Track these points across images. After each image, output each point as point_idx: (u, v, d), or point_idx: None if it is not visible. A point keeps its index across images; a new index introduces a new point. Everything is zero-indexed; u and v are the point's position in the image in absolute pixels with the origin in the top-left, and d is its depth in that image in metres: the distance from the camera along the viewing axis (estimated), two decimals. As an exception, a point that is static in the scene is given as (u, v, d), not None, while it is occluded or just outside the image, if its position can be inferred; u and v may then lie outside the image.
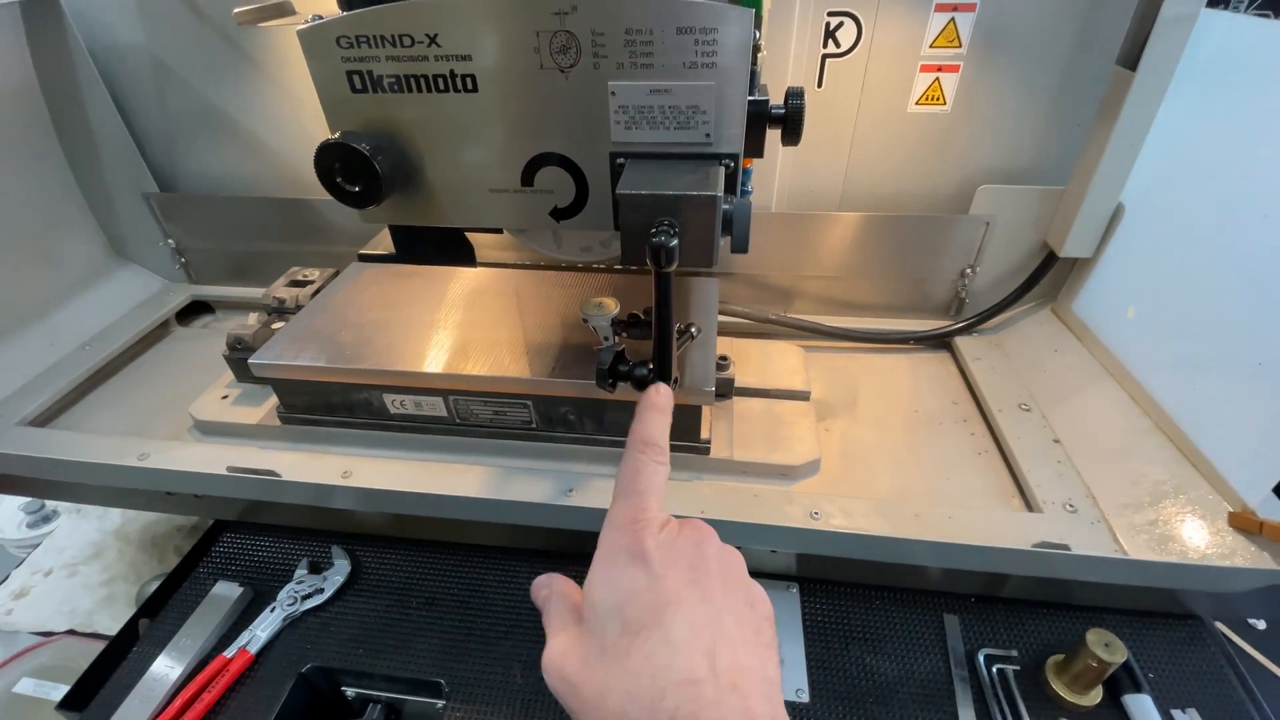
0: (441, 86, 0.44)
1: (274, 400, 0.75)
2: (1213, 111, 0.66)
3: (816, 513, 0.62)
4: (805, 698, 0.60)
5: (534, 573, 0.37)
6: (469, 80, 0.44)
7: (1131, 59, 0.67)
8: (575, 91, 0.44)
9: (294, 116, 0.90)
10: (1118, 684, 0.60)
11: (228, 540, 0.76)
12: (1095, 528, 0.61)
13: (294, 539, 0.76)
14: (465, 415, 0.70)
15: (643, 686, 0.28)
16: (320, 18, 0.43)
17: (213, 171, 0.96)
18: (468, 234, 0.57)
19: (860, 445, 0.75)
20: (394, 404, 0.70)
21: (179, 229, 0.98)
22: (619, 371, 0.53)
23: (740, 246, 0.44)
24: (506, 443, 0.71)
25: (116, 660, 0.65)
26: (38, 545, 1.06)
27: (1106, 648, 0.56)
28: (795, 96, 0.46)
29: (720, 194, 0.41)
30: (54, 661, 0.91)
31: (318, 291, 0.82)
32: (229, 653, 0.63)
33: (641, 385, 0.55)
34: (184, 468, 0.67)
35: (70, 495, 0.83)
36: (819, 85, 0.79)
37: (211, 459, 0.68)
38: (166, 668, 0.63)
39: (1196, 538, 0.58)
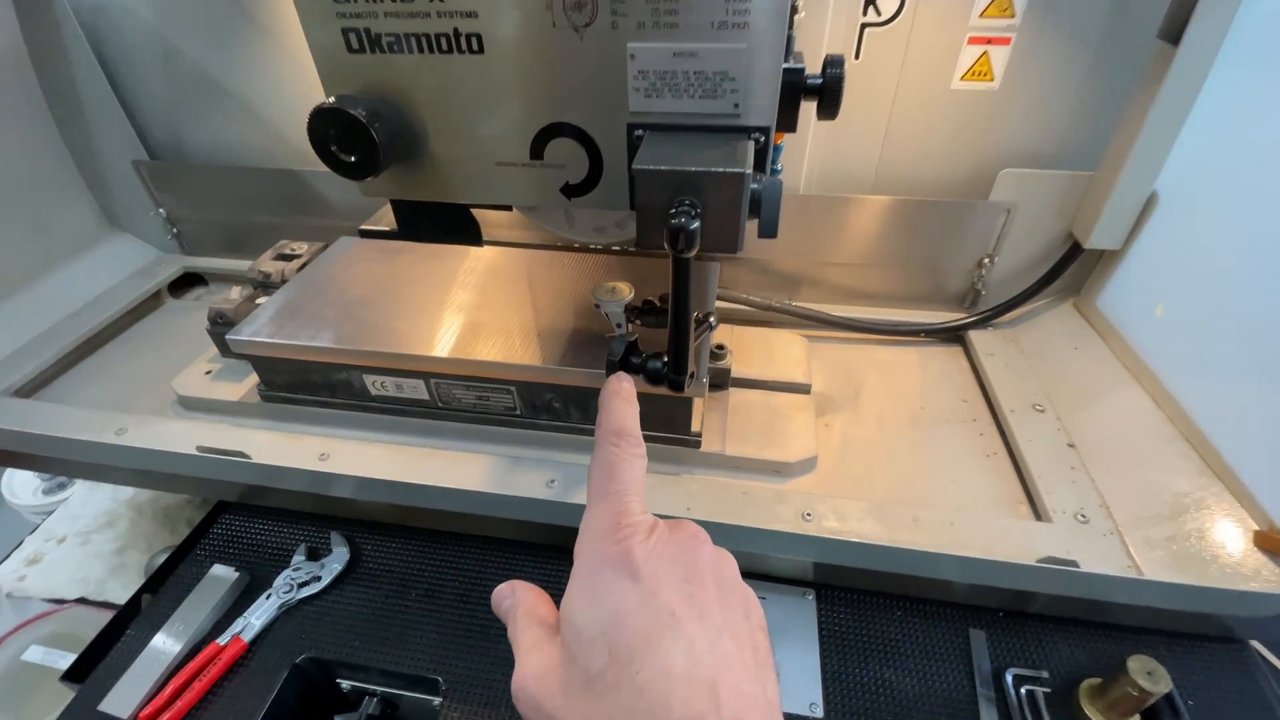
0: (444, 46, 0.40)
1: (256, 377, 0.73)
2: (1259, 94, 0.61)
3: (809, 514, 0.59)
4: (819, 712, 0.56)
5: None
6: (474, 40, 0.40)
7: (1174, 33, 0.61)
8: (590, 54, 0.40)
9: (301, 84, 0.86)
10: (1156, 712, 0.55)
11: (226, 522, 0.74)
12: (1107, 540, 0.57)
13: (293, 523, 0.73)
14: (447, 399, 0.68)
15: None
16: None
17: (220, 140, 0.93)
18: (474, 211, 0.54)
19: (860, 442, 0.71)
20: (375, 385, 0.68)
21: (170, 199, 0.96)
22: (631, 364, 0.49)
23: (768, 231, 0.40)
24: (489, 428, 0.68)
25: (118, 633, 0.64)
26: (52, 512, 1.06)
27: (1149, 676, 0.50)
28: (834, 65, 0.41)
29: (749, 171, 0.37)
30: (64, 629, 0.91)
31: (304, 266, 0.80)
32: (222, 640, 0.62)
33: (655, 380, 0.52)
34: (156, 445, 0.66)
35: (52, 468, 0.82)
36: (856, 57, 0.73)
37: (184, 437, 0.67)
38: (162, 648, 0.61)
39: (1217, 557, 0.54)
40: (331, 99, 0.43)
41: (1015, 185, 0.75)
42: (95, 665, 0.62)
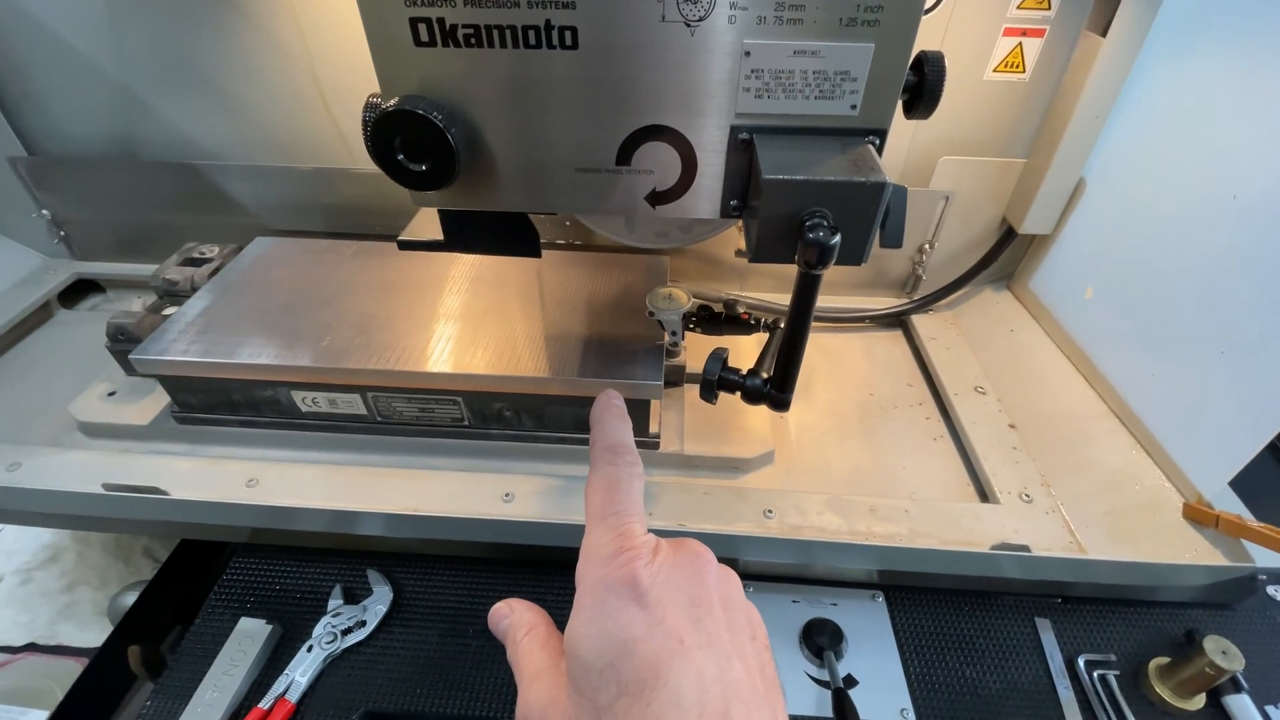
0: (532, 41, 0.36)
1: (166, 395, 0.67)
2: (1181, 83, 0.63)
3: (770, 510, 0.59)
4: (911, 718, 0.55)
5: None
6: (569, 34, 0.35)
7: (1101, 24, 0.63)
8: (699, 51, 0.36)
9: (282, 71, 0.77)
10: (1219, 688, 0.56)
11: (240, 567, 0.65)
12: (1050, 519, 0.60)
13: (319, 562, 0.65)
14: (387, 413, 0.63)
15: None
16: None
17: (178, 136, 0.82)
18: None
19: (814, 432, 0.71)
20: (305, 402, 0.63)
21: (54, 198, 0.86)
22: (729, 382, 0.47)
23: (894, 240, 0.39)
24: (435, 440, 0.65)
25: (106, 690, 0.56)
26: (-20, 550, 0.94)
27: (1224, 655, 0.52)
28: (933, 61, 0.39)
29: (890, 181, 0.35)
30: (19, 683, 0.80)
31: (216, 271, 0.73)
32: (265, 703, 0.54)
33: (754, 398, 0.49)
34: (56, 484, 0.59)
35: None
36: None
37: (87, 471, 0.60)
38: (200, 720, 0.53)
39: (1149, 531, 0.57)
40: (393, 100, 0.37)
41: (954, 172, 0.76)
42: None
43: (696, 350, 0.75)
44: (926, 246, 0.82)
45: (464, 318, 0.65)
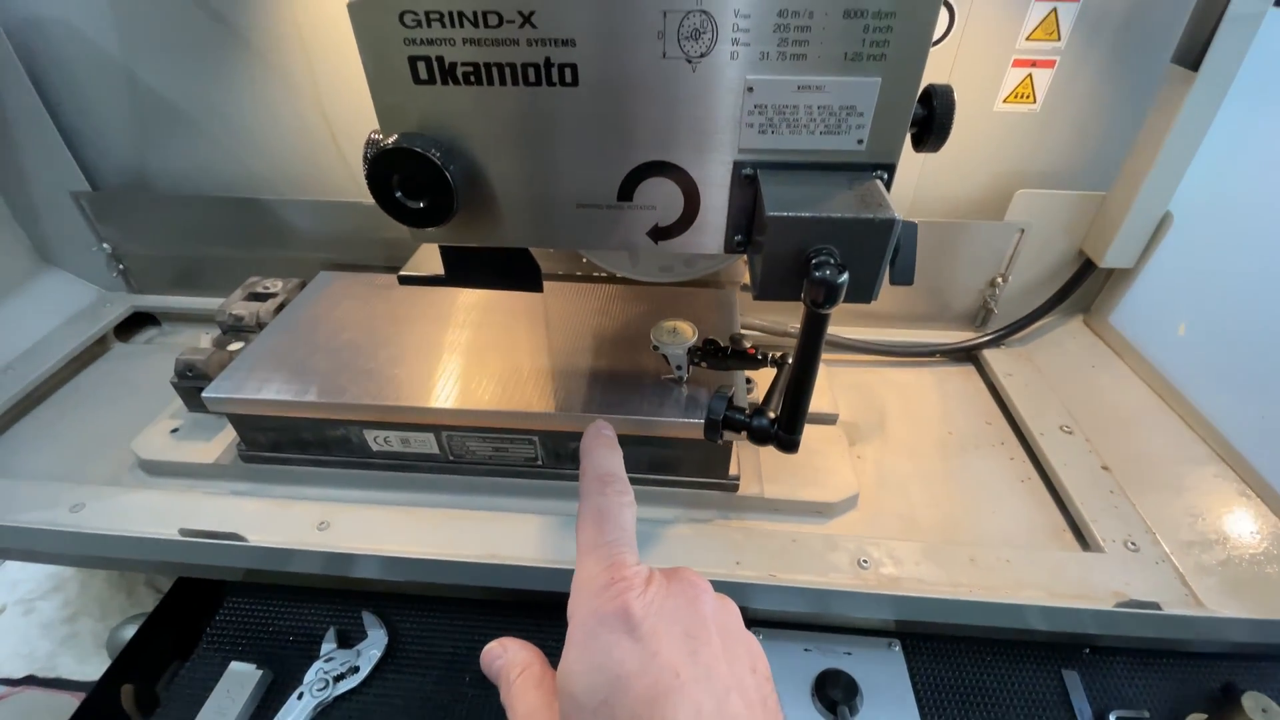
0: (532, 78, 0.35)
1: (233, 432, 0.65)
2: (1272, 116, 0.61)
3: (865, 560, 0.56)
4: None
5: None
6: (569, 71, 0.35)
7: (1192, 58, 0.62)
8: (702, 87, 0.35)
9: (291, 105, 0.78)
10: None
11: (234, 607, 0.63)
12: (1160, 569, 0.56)
13: (314, 603, 0.63)
14: (460, 452, 0.61)
15: None
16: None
17: (191, 169, 0.84)
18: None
19: (896, 474, 0.68)
20: (376, 441, 0.61)
21: (115, 231, 0.86)
22: (734, 422, 0.45)
23: (904, 277, 0.37)
24: (508, 480, 0.63)
25: None
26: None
27: (1265, 713, 0.49)
28: (942, 95, 0.38)
29: (899, 217, 0.34)
30: (18, 717, 0.79)
31: (281, 306, 0.72)
32: None
33: (761, 439, 0.47)
34: (125, 526, 0.57)
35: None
36: None
37: (157, 513, 0.58)
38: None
39: (1276, 582, 0.53)
40: (392, 137, 0.37)
41: (1028, 205, 0.75)
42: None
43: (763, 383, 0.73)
44: (999, 279, 0.80)
45: (541, 353, 0.63)
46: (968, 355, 0.84)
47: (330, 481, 0.64)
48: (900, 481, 0.67)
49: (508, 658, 0.30)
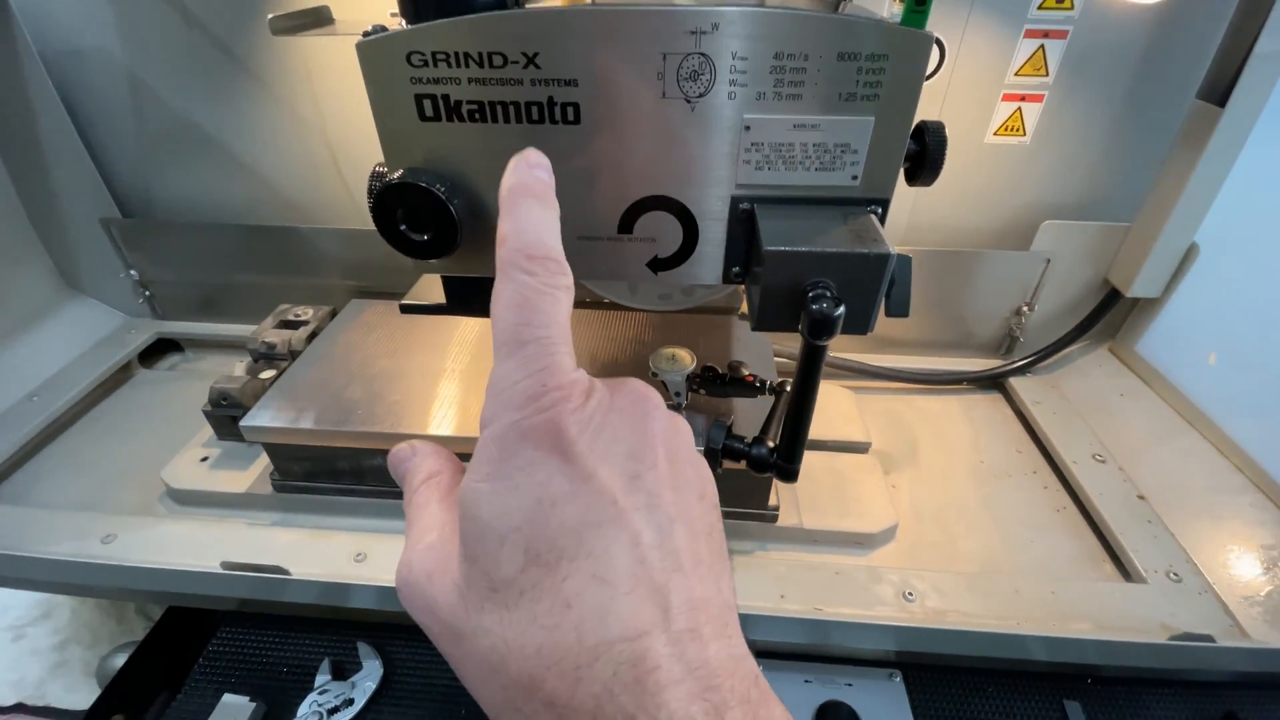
0: (535, 116, 0.36)
1: (264, 461, 0.65)
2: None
3: (910, 593, 0.55)
4: None
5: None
6: (571, 110, 0.36)
7: (1218, 94, 0.63)
8: (699, 126, 0.36)
9: (297, 137, 0.79)
10: None
11: (226, 637, 0.61)
12: (1204, 600, 0.56)
13: (308, 633, 0.61)
14: (497, 482, 0.61)
15: (563, 644, 0.19)
16: (383, 28, 0.34)
17: (199, 196, 0.85)
18: None
19: (932, 504, 0.68)
20: (414, 471, 0.61)
21: (143, 259, 0.86)
22: (734, 451, 0.45)
23: (900, 309, 0.38)
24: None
25: None
26: (-27, 603, 0.92)
27: None
28: (934, 131, 0.39)
29: (893, 252, 0.34)
30: None
31: (313, 335, 0.72)
32: None
33: (760, 467, 0.47)
34: (160, 560, 0.56)
35: (13, 585, 0.69)
36: None
37: (197, 545, 0.57)
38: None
39: (1326, 615, 0.53)
40: (398, 172, 0.38)
41: (1055, 236, 0.76)
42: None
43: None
44: (1025, 309, 0.80)
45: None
46: (994, 383, 0.84)
47: (362, 511, 0.63)
48: (936, 511, 0.67)
49: (415, 460, 0.25)
